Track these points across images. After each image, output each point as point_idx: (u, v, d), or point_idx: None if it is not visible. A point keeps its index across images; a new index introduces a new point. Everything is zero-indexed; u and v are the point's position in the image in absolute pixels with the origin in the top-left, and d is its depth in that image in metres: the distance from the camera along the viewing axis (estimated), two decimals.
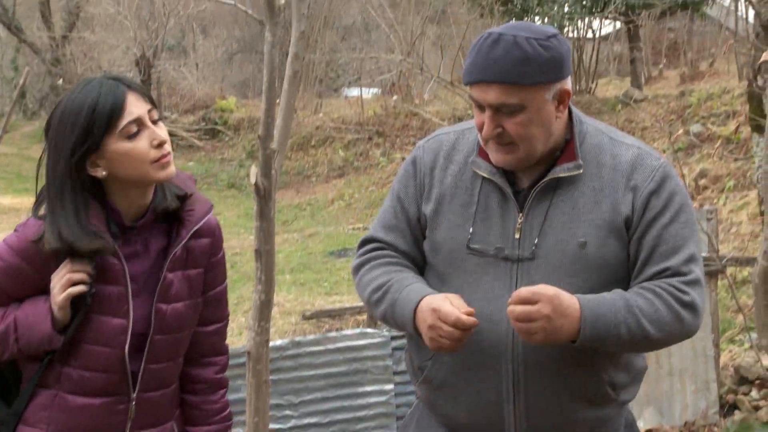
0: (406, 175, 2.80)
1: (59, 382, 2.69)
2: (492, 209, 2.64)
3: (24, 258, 2.62)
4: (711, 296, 7.07)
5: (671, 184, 2.63)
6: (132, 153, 2.59)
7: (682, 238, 2.59)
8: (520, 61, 2.45)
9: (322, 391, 6.21)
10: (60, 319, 2.62)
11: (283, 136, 4.67)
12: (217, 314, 2.94)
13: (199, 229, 2.78)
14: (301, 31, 4.62)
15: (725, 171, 13.58)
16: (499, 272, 2.61)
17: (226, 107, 27.31)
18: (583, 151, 2.63)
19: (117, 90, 2.58)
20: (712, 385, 7.09)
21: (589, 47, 22.93)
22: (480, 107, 2.55)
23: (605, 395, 2.67)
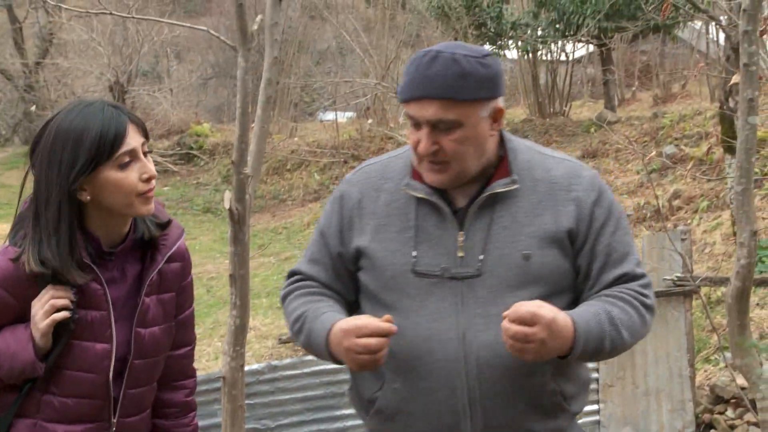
0: (332, 210, 2.82)
1: (39, 411, 2.67)
2: (431, 231, 2.66)
3: (3, 286, 2.60)
4: (686, 316, 7.11)
5: (608, 194, 2.73)
6: (122, 183, 2.59)
7: (628, 244, 2.71)
8: (459, 76, 2.49)
9: (299, 415, 6.18)
10: (42, 346, 2.60)
11: (256, 161, 4.68)
12: (186, 337, 2.96)
13: (172, 253, 2.79)
14: (274, 57, 4.63)
15: (698, 192, 13.66)
16: (444, 292, 2.63)
17: (201, 132, 27.23)
18: (516, 167, 2.68)
19: (120, 119, 2.58)
20: (688, 405, 7.11)
21: (562, 70, 23.08)
22: (417, 125, 2.57)
23: (558, 405, 2.70)
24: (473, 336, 2.59)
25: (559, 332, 2.45)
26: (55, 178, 2.56)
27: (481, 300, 2.60)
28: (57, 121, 2.59)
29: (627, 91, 26.03)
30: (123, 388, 2.72)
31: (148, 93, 28.37)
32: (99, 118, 2.56)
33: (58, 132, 2.57)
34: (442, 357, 2.61)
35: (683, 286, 7.06)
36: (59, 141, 2.56)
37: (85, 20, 26.88)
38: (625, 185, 15.53)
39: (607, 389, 6.98)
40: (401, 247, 2.66)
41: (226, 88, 35.61)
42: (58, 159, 2.55)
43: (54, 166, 2.56)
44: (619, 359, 6.96)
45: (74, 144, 2.54)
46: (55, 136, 2.57)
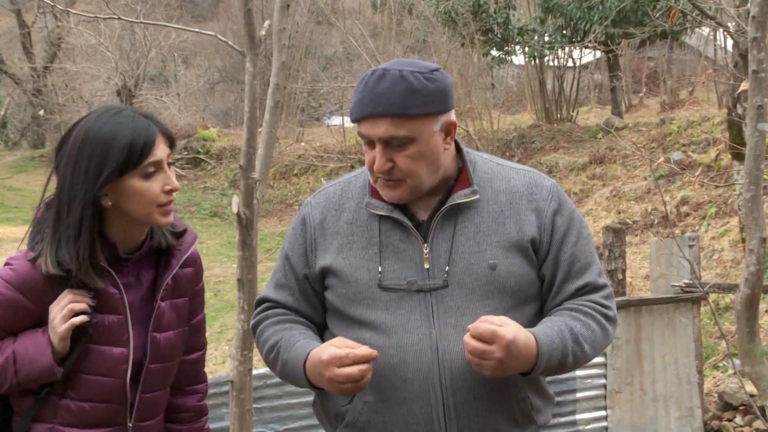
0: (295, 234, 2.81)
1: (56, 415, 2.68)
2: (395, 245, 2.67)
3: (21, 291, 2.60)
4: (694, 323, 7.10)
5: (568, 203, 2.76)
6: (144, 193, 2.60)
7: (590, 254, 2.73)
8: (407, 92, 2.50)
9: (307, 419, 6.16)
10: (60, 350, 2.60)
11: (264, 165, 4.67)
12: (198, 342, 2.97)
13: (185, 258, 2.80)
14: (281, 62, 4.63)
15: (706, 198, 13.65)
16: (414, 303, 2.63)
17: (208, 136, 27.28)
18: (476, 178, 2.70)
19: (150, 129, 2.59)
20: (697, 412, 7.10)
21: (569, 76, 23.08)
22: (370, 143, 2.58)
23: (528, 415, 2.72)
24: (446, 346, 2.60)
25: (518, 352, 2.46)
26: (80, 182, 2.56)
27: (451, 310, 2.61)
28: (86, 126, 2.60)
29: (634, 97, 26.02)
30: (139, 392, 2.73)
31: (156, 97, 28.42)
32: (130, 127, 2.57)
33: (86, 136, 2.57)
34: (415, 368, 2.60)
35: (691, 292, 7.05)
36: (87, 146, 2.56)
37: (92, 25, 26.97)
38: (632, 191, 15.52)
39: (615, 395, 6.97)
40: (366, 263, 2.66)
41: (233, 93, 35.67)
42: (85, 164, 2.56)
43: (80, 170, 2.56)
44: (627, 365, 6.95)
45: (102, 150, 2.55)
46: (83, 140, 2.57)
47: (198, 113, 30.15)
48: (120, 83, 26.61)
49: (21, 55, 32.98)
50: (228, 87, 36.38)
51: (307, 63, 28.37)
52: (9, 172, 27.97)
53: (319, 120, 31.88)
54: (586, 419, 6.94)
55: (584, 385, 6.88)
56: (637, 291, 11.36)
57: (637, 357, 7.01)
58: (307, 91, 28.25)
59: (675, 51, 26.58)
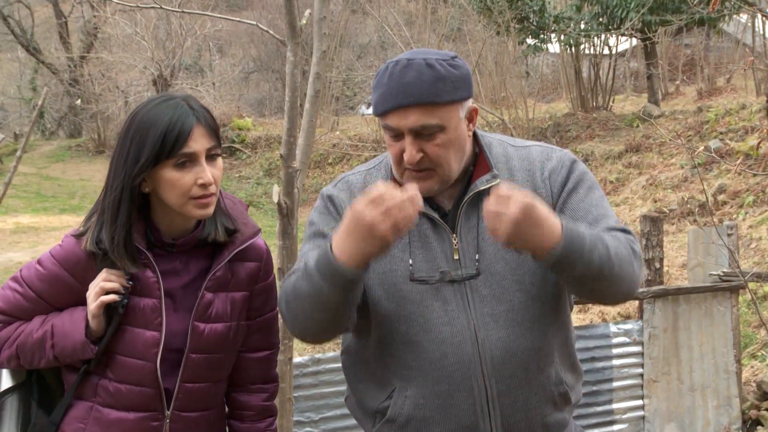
0: (326, 213, 2.74)
1: (96, 394, 2.73)
2: (426, 235, 2.64)
3: (66, 267, 2.67)
4: (732, 312, 7.06)
5: (580, 167, 2.72)
6: (176, 183, 2.62)
7: (603, 207, 2.66)
8: (435, 80, 2.48)
9: (343, 408, 6.14)
10: (94, 328, 2.66)
11: (304, 155, 4.69)
12: (266, 341, 2.96)
13: (246, 252, 2.80)
14: (322, 51, 4.65)
15: (744, 186, 13.54)
16: (448, 295, 2.61)
17: (243, 126, 27.41)
18: (493, 160, 2.68)
19: (187, 120, 2.60)
20: (734, 401, 7.06)
21: (605, 64, 22.95)
22: (397, 136, 2.55)
23: (565, 396, 2.72)
24: (485, 336, 2.59)
25: (537, 220, 2.33)
26: (121, 167, 2.61)
27: (486, 299, 2.60)
28: (135, 111, 2.66)
29: (671, 85, 25.85)
30: (179, 380, 2.74)
31: (191, 87, 28.57)
32: (168, 116, 2.59)
33: (132, 122, 2.62)
34: (456, 360, 2.59)
35: (730, 281, 7.01)
36: (131, 132, 2.61)
37: (128, 14, 27.17)
38: (669, 180, 15.43)
39: (652, 384, 6.95)
40: (399, 254, 2.64)
41: (267, 82, 35.79)
42: (126, 149, 2.61)
43: (122, 155, 2.61)
44: (664, 355, 6.93)
45: (141, 138, 2.59)
46: (128, 125, 2.63)
47: (233, 102, 30.28)
48: (156, 73, 26.79)
49: (58, 44, 33.28)
50: (263, 76, 36.51)
51: (342, 52, 28.39)
52: (46, 162, 28.24)
53: (354, 109, 31.91)
54: (623, 408, 6.93)
55: (621, 375, 6.87)
56: (674, 280, 11.31)
57: (674, 346, 6.98)
58: (341, 80, 28.30)
59: (712, 38, 26.36)
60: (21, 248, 17.42)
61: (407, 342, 2.61)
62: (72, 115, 32.90)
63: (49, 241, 18.11)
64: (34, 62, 33.85)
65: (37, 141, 31.73)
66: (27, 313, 2.71)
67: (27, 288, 2.70)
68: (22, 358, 2.72)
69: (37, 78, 34.63)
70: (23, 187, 24.02)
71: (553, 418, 2.72)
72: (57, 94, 32.55)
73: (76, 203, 22.62)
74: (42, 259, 2.71)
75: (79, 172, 26.88)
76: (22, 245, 17.78)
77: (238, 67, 33.89)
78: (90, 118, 29.91)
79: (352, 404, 2.89)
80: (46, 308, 2.72)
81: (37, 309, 2.71)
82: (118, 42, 28.83)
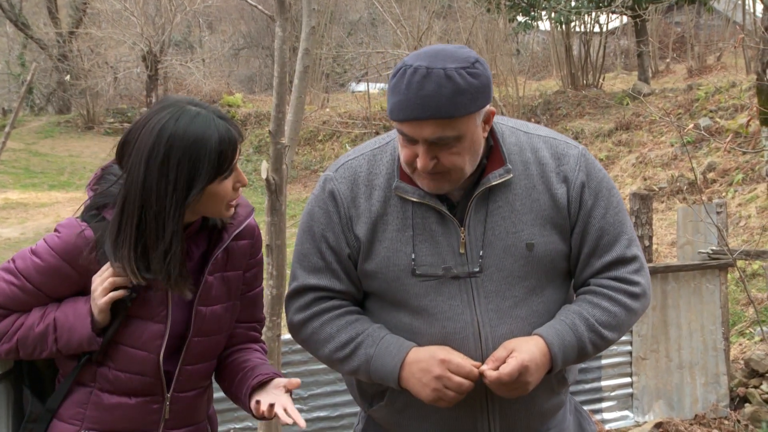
0: (326, 212, 2.69)
1: (95, 380, 2.70)
2: (432, 229, 2.60)
3: (65, 259, 2.60)
4: (720, 289, 7.08)
5: (596, 171, 2.69)
6: (220, 193, 2.58)
7: (619, 223, 2.67)
8: (454, 94, 2.40)
9: (332, 385, 6.20)
10: (99, 321, 2.61)
11: (293, 131, 4.67)
12: (254, 315, 2.95)
13: (240, 231, 2.78)
14: (311, 27, 4.62)
15: (733, 165, 13.57)
16: (452, 291, 2.59)
17: (233, 102, 27.34)
18: (506, 152, 2.63)
19: (232, 134, 2.55)
20: (723, 378, 7.09)
21: (595, 41, 22.93)
22: (411, 141, 2.50)
23: (562, 381, 2.74)
24: (488, 332, 2.58)
25: (536, 364, 2.51)
26: (170, 194, 2.51)
27: (491, 295, 2.58)
28: (167, 130, 2.51)
29: (661, 63, 25.85)
30: (180, 364, 2.72)
31: (181, 63, 28.48)
32: (215, 133, 2.52)
33: (172, 144, 2.50)
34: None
35: (718, 259, 7.03)
36: (174, 154, 2.50)
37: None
38: (658, 158, 15.45)
39: (641, 362, 6.97)
40: (401, 247, 2.60)
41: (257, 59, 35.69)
42: (174, 174, 2.50)
43: (170, 181, 2.51)
44: (652, 332, 6.95)
45: (192, 161, 2.50)
46: (168, 148, 2.50)
47: (223, 79, 30.22)
48: (145, 49, 26.70)
49: (47, 20, 33.07)
50: (252, 53, 36.40)
51: (332, 29, 28.31)
52: (35, 138, 28.13)
53: (344, 86, 31.85)
54: (612, 386, 6.95)
55: (609, 352, 6.88)
56: (663, 258, 11.34)
57: (662, 324, 7.00)
58: (332, 57, 28.22)
59: (702, 16, 26.35)
60: (10, 224, 17.38)
61: (411, 333, 2.61)
62: (61, 90, 32.77)
63: (38, 217, 18.07)
64: (22, 37, 33.63)
65: (26, 117, 31.60)
66: (24, 305, 2.66)
67: (24, 280, 2.63)
68: (21, 351, 2.67)
69: (25, 53, 34.43)
70: (12, 163, 23.95)
71: (550, 403, 2.74)
72: (46, 69, 32.40)
73: (65, 179, 22.55)
74: (39, 249, 2.63)
75: (68, 148, 26.77)
76: (10, 221, 17.73)
77: (227, 43, 33.82)
78: (79, 93, 29.78)
79: (349, 381, 2.88)
80: (44, 300, 2.66)
81: (34, 301, 2.66)
82: (107, 17, 28.71)
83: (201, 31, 35.64)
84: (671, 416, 7.01)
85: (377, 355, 2.58)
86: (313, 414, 6.18)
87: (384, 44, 26.80)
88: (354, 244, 2.65)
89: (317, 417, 6.19)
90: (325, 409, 6.22)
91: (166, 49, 28.21)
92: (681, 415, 7.02)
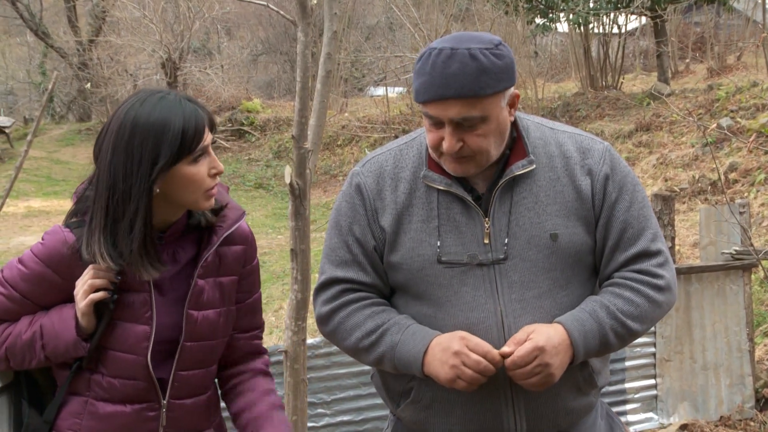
0: (352, 206, 2.74)
1: (89, 389, 2.70)
2: (456, 219, 2.63)
3: (49, 265, 2.61)
4: (744, 290, 7.04)
5: (621, 166, 2.71)
6: (193, 177, 2.58)
7: (644, 218, 2.68)
8: (479, 72, 2.45)
9: (355, 389, 6.20)
10: (84, 325, 2.62)
11: (316, 135, 4.68)
12: (254, 322, 2.95)
13: (232, 236, 2.78)
14: (333, 31, 4.64)
15: (755, 164, 13.49)
16: (477, 279, 2.61)
17: (252, 108, 27.40)
18: (530, 145, 2.67)
19: (198, 114, 2.57)
20: (748, 380, 7.06)
21: (614, 42, 22.85)
22: (436, 124, 2.53)
23: (590, 380, 2.73)
24: (511, 322, 2.59)
25: (555, 348, 2.50)
26: (135, 172, 2.52)
27: (515, 285, 2.60)
28: (131, 113, 2.54)
29: (680, 63, 25.74)
30: (174, 369, 2.71)
31: (200, 69, 28.57)
32: (180, 113, 2.53)
33: (135, 125, 2.52)
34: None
35: (742, 259, 6.99)
36: (138, 134, 2.51)
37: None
38: (679, 158, 15.38)
39: (665, 364, 6.95)
40: (426, 237, 2.63)
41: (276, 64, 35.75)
42: (138, 153, 2.51)
43: (134, 160, 2.51)
44: (676, 334, 6.92)
45: (156, 138, 2.51)
46: (133, 128, 2.52)
47: (241, 85, 30.26)
48: (164, 56, 26.80)
49: (66, 28, 33.27)
50: (271, 58, 36.47)
51: (351, 33, 28.32)
52: (56, 146, 28.27)
53: (363, 90, 31.86)
54: (636, 387, 6.93)
55: (633, 354, 6.87)
56: (686, 259, 11.29)
57: (686, 325, 6.98)
58: (350, 61, 28.23)
59: (722, 16, 26.23)
60: (32, 232, 17.45)
61: (433, 325, 2.62)
62: (81, 98, 32.92)
63: None
64: (43, 46, 33.84)
65: (47, 125, 31.77)
66: (12, 314, 2.66)
67: (10, 289, 2.64)
68: (12, 361, 2.68)
69: (46, 62, 34.64)
70: (34, 171, 24.07)
71: (578, 402, 2.73)
72: (66, 78, 32.57)
73: None
74: (24, 258, 2.64)
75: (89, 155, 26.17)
76: (33, 229, 17.81)
77: (246, 49, 33.88)
78: (99, 101, 29.92)
79: (377, 383, 2.91)
80: (32, 308, 2.67)
81: (22, 309, 2.66)
82: (126, 25, 28.81)
83: (219, 38, 35.74)
84: (696, 418, 6.97)
85: (402, 342, 2.60)
86: (337, 418, 6.18)
87: (402, 48, 26.78)
88: (380, 236, 2.69)
89: (341, 421, 6.19)
90: (349, 413, 6.22)
91: (185, 55, 28.32)
92: (706, 417, 6.99)
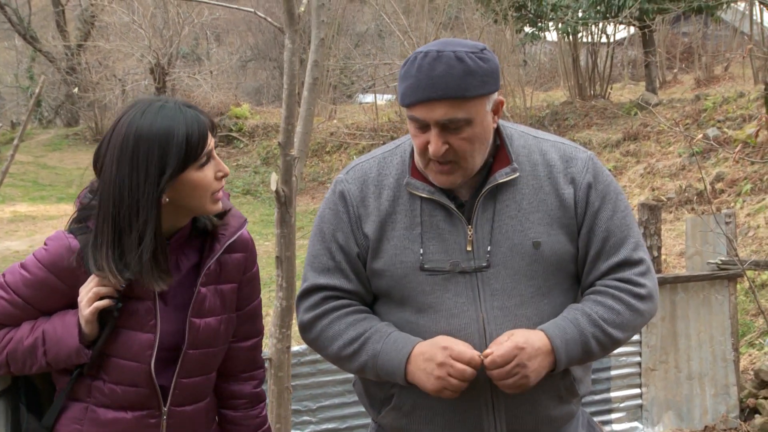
0: (336, 213, 2.73)
1: (90, 395, 2.69)
2: (439, 226, 2.64)
3: (52, 271, 2.60)
4: (730, 300, 7.06)
5: (603, 175, 2.72)
6: (201, 183, 2.58)
7: (626, 227, 2.69)
8: (465, 74, 2.47)
9: (340, 396, 6.19)
10: (87, 333, 2.60)
11: (302, 142, 4.68)
12: (253, 329, 2.94)
13: (233, 243, 2.77)
14: (320, 39, 4.64)
15: (741, 175, 13.54)
16: (459, 286, 2.61)
17: (240, 114, 27.36)
18: (514, 154, 2.67)
19: (200, 120, 2.57)
20: (732, 389, 7.07)
21: (603, 52, 22.92)
22: (423, 127, 2.54)
23: (571, 389, 2.74)
24: (494, 329, 2.59)
25: (535, 351, 2.50)
26: (142, 184, 2.51)
27: (498, 293, 2.60)
28: (133, 125, 2.53)
29: (668, 73, 25.83)
30: (175, 377, 2.71)
31: (188, 75, 28.53)
32: (182, 120, 2.53)
33: (139, 136, 2.51)
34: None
35: (727, 269, 7.01)
36: (143, 145, 2.50)
37: (126, 2, 27.11)
38: (666, 168, 15.43)
39: (650, 373, 6.96)
40: (409, 245, 2.63)
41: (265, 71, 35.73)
42: (144, 165, 2.50)
43: (140, 172, 2.50)
44: (661, 343, 6.93)
45: (161, 148, 2.50)
46: (136, 140, 2.51)
47: (230, 91, 30.22)
48: (153, 61, 26.76)
49: (55, 33, 33.19)
50: (260, 64, 36.45)
51: (340, 40, 28.32)
52: (43, 151, 28.20)
53: (351, 97, 31.86)
54: (621, 396, 6.94)
55: (619, 363, 6.87)
56: (672, 268, 11.31)
57: (672, 334, 6.99)
58: (339, 68, 28.23)
59: (710, 26, 26.35)
60: (18, 237, 17.41)
61: (415, 332, 2.62)
62: (69, 103, 32.85)
63: (47, 230, 18.07)
64: (31, 50, 33.76)
65: (35, 129, 31.68)
66: (14, 319, 2.65)
67: (13, 294, 2.62)
68: (12, 366, 2.66)
69: (34, 66, 34.55)
70: (20, 176, 24.00)
71: (559, 411, 2.73)
72: (54, 82, 32.49)
73: (73, 192, 22.53)
74: (27, 263, 2.63)
75: (76, 160, 26.83)
76: (19, 234, 17.76)
77: (235, 55, 33.85)
78: (87, 106, 29.86)
79: (359, 390, 2.91)
80: (33, 313, 2.66)
81: (24, 315, 2.65)
82: (115, 30, 28.77)
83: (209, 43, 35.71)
84: (681, 427, 6.99)
85: (384, 350, 2.60)
86: (322, 426, 6.17)
87: (391, 56, 26.81)
88: (363, 243, 2.69)
89: (326, 429, 6.18)
90: (333, 421, 6.21)
91: (174, 61, 28.28)
92: (691, 426, 7.00)
